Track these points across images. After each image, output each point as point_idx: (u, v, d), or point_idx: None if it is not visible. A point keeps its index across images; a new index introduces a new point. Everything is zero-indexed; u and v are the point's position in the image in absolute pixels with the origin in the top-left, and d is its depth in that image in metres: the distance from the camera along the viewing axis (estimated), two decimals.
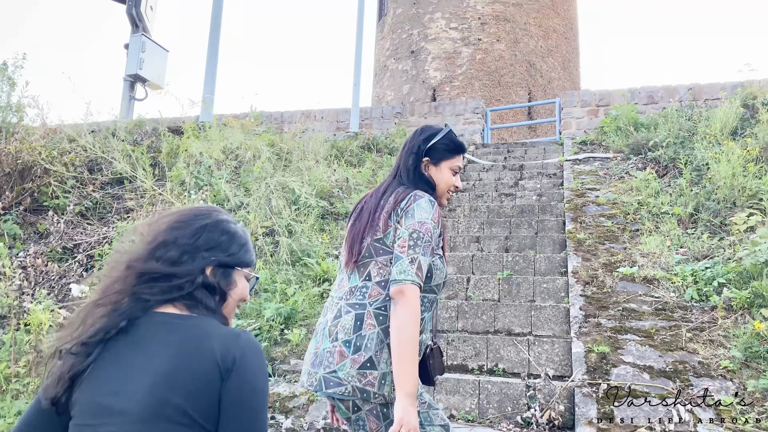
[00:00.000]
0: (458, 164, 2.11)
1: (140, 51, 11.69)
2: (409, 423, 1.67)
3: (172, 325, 1.30)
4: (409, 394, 1.70)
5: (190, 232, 1.41)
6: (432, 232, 1.87)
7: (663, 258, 5.16)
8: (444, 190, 2.09)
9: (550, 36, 21.62)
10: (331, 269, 5.31)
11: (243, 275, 1.44)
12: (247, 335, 1.29)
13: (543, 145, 9.75)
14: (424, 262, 1.82)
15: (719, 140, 6.78)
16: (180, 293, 1.34)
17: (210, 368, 1.23)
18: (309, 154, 7.94)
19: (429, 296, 1.93)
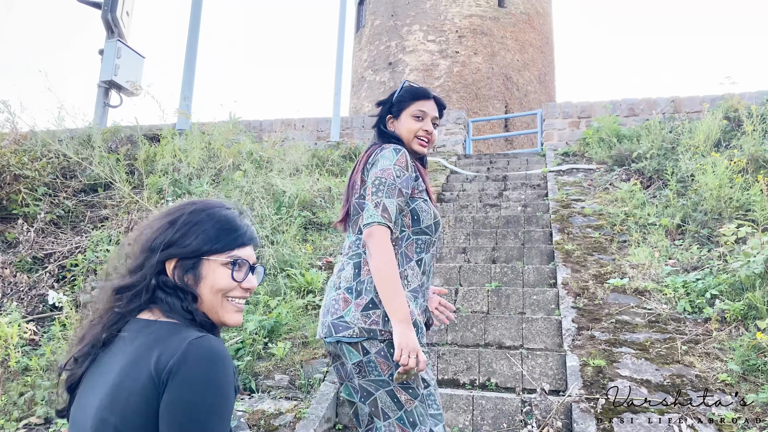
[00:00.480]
0: (420, 108, 2.15)
1: (115, 57, 11.42)
2: (407, 345, 1.81)
3: (136, 333, 1.22)
4: (402, 320, 1.83)
5: (150, 235, 1.32)
6: (396, 175, 1.97)
7: (653, 269, 5.10)
8: (409, 137, 2.14)
9: (526, 50, 21.82)
10: (315, 280, 5.14)
11: (218, 263, 1.29)
12: (202, 340, 1.14)
13: (525, 156, 9.72)
14: (390, 204, 1.94)
15: (703, 152, 6.80)
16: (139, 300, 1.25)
17: (146, 382, 1.10)
18: (289, 162, 7.77)
19: (422, 238, 2.06)
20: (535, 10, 22.94)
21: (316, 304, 4.90)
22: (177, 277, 1.27)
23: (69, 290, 5.19)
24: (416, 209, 2.05)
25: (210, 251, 1.30)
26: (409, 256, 2.05)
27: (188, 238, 1.29)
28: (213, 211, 1.35)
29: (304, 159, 7.83)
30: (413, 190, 2.07)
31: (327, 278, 5.38)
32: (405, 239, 2.05)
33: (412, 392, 1.94)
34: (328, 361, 4.06)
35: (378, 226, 1.92)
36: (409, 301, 1.98)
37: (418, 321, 1.99)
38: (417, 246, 2.06)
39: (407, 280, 2.02)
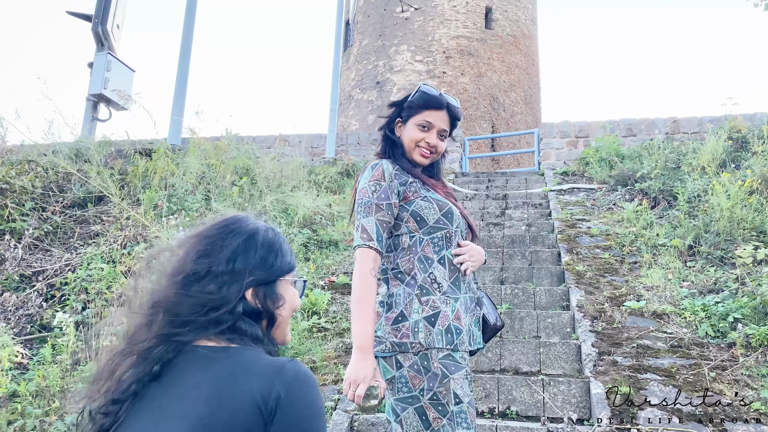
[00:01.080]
0: (426, 119, 2.05)
1: (105, 70, 11.18)
2: (350, 376, 1.75)
3: (205, 362, 1.09)
4: (359, 348, 1.77)
5: (224, 258, 1.18)
6: (372, 190, 1.92)
7: (668, 291, 4.95)
8: (410, 146, 2.06)
9: (512, 71, 21.93)
10: (319, 301, 4.93)
11: (289, 283, 1.26)
12: (294, 365, 1.09)
13: (524, 175, 9.61)
14: (367, 222, 1.90)
15: (708, 172, 6.72)
16: (219, 328, 1.13)
17: (249, 411, 1.03)
18: (287, 179, 7.57)
19: (437, 234, 1.96)
20: (521, 32, 23.11)
21: (322, 326, 4.68)
22: (259, 302, 1.19)
23: (59, 310, 4.91)
24: (416, 210, 1.97)
25: (284, 270, 1.24)
26: (429, 258, 1.96)
27: (269, 257, 1.22)
28: (270, 231, 1.28)
29: (300, 175, 7.64)
30: (406, 193, 1.98)
31: (331, 299, 5.17)
32: (419, 243, 1.97)
33: (441, 409, 1.82)
34: (339, 388, 3.84)
35: (359, 249, 1.89)
36: (444, 306, 1.90)
37: (452, 326, 1.89)
38: (434, 245, 1.97)
39: (437, 283, 1.93)
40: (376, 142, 10.74)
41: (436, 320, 1.88)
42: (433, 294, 1.91)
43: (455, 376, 1.85)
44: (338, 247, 6.30)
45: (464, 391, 1.87)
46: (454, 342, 1.87)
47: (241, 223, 1.24)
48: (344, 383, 1.76)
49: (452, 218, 2.00)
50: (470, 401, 1.89)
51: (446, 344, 1.86)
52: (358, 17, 23.51)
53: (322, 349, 4.26)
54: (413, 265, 1.94)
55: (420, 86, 2.13)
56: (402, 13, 22.22)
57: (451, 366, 1.85)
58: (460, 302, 1.94)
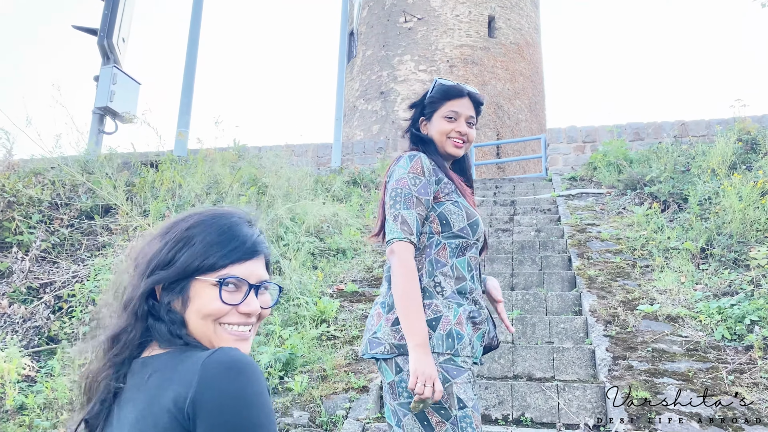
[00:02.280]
0: (452, 109, 2.04)
1: (111, 83, 11.23)
2: (423, 373, 1.66)
3: (139, 377, 1.00)
4: (418, 344, 1.70)
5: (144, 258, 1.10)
6: (412, 183, 1.87)
7: (681, 295, 4.88)
8: (441, 140, 2.03)
9: (516, 79, 21.92)
10: (328, 309, 4.88)
11: (208, 284, 1.06)
12: (218, 355, 0.95)
13: (531, 181, 9.56)
14: (408, 215, 1.84)
15: (719, 174, 6.65)
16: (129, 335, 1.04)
17: (168, 425, 0.91)
18: (294, 189, 7.54)
19: (454, 241, 1.91)
20: (524, 41, 23.11)
21: (331, 334, 4.63)
22: (165, 302, 1.07)
23: (66, 321, 4.88)
24: (444, 213, 1.92)
25: (199, 269, 1.06)
26: (440, 261, 1.91)
27: (176, 256, 1.07)
28: (212, 221, 1.12)
29: (306, 184, 7.61)
30: (438, 193, 1.94)
31: (340, 306, 5.12)
32: (435, 245, 1.92)
33: (444, 414, 1.76)
34: (350, 396, 3.78)
35: (398, 242, 1.82)
36: (446, 310, 1.85)
37: (453, 331, 1.82)
38: (450, 250, 1.91)
39: (441, 287, 1.88)
40: (381, 150, 10.71)
41: (438, 324, 1.83)
42: (435, 297, 1.86)
43: (458, 381, 1.79)
44: (346, 255, 6.26)
45: (468, 396, 1.81)
46: (455, 347, 1.81)
47: (176, 220, 1.13)
48: (414, 381, 1.67)
49: (476, 230, 1.96)
50: (475, 405, 1.83)
51: (446, 349, 1.80)
52: (361, 28, 23.59)
53: (332, 358, 4.21)
54: (421, 266, 1.89)
55: (436, 80, 2.12)
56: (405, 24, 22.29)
57: (453, 370, 1.80)
58: (464, 309, 1.89)
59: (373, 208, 7.73)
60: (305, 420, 3.61)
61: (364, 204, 7.88)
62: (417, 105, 2.13)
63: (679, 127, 9.19)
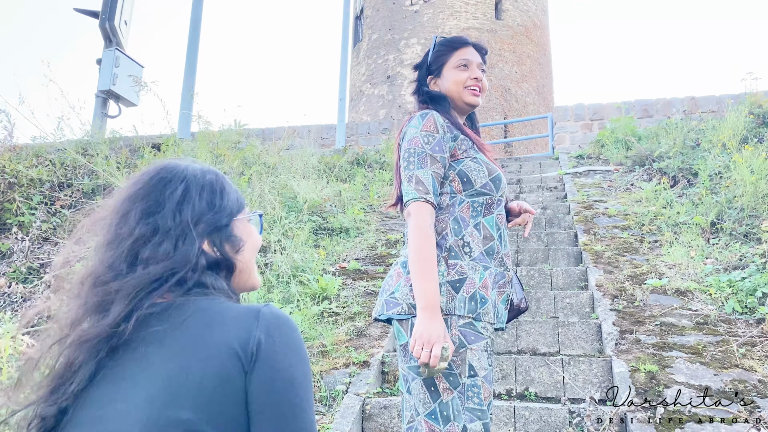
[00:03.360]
0: (462, 57, 1.96)
1: (113, 66, 11.14)
2: (421, 336, 1.60)
3: (170, 318, 0.93)
4: (425, 307, 1.63)
5: (170, 211, 1.02)
6: (425, 141, 1.80)
7: (691, 269, 4.77)
8: (458, 90, 1.95)
9: (524, 62, 21.66)
10: (330, 287, 4.80)
11: (245, 222, 1.12)
12: (271, 308, 0.97)
13: (538, 160, 9.42)
14: (423, 174, 1.77)
15: (730, 148, 6.50)
16: (183, 288, 0.97)
17: (226, 361, 0.90)
18: (296, 168, 7.46)
19: (479, 199, 1.83)
20: (531, 23, 22.81)
21: (333, 311, 4.56)
22: (217, 250, 1.04)
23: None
24: (464, 170, 1.83)
25: (237, 210, 1.10)
26: (465, 220, 1.82)
27: (215, 199, 1.07)
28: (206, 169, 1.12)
29: (311, 164, 7.52)
30: (455, 150, 1.85)
31: (342, 284, 5.05)
32: (458, 203, 1.84)
33: (453, 380, 1.68)
34: (351, 371, 3.71)
35: (414, 203, 1.75)
36: (472, 272, 1.76)
37: (478, 294, 1.74)
38: (473, 209, 1.83)
39: (469, 247, 1.79)
40: (387, 131, 10.59)
41: (462, 286, 1.74)
42: (461, 258, 1.77)
43: (473, 347, 1.70)
44: (349, 234, 6.18)
45: (481, 364, 1.72)
46: (477, 311, 1.73)
47: (176, 170, 1.08)
48: (413, 345, 1.62)
49: (499, 185, 1.87)
50: (487, 376, 1.74)
51: (468, 312, 1.72)
52: (367, 12, 23.36)
53: (332, 334, 4.14)
54: (446, 225, 1.81)
55: (434, 39, 2.04)
56: (411, 6, 22.04)
57: (471, 335, 1.71)
58: (490, 272, 1.80)
59: (377, 187, 7.64)
60: None
61: (368, 183, 7.79)
62: (421, 65, 2.04)
63: (689, 103, 9.00)
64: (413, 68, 2.08)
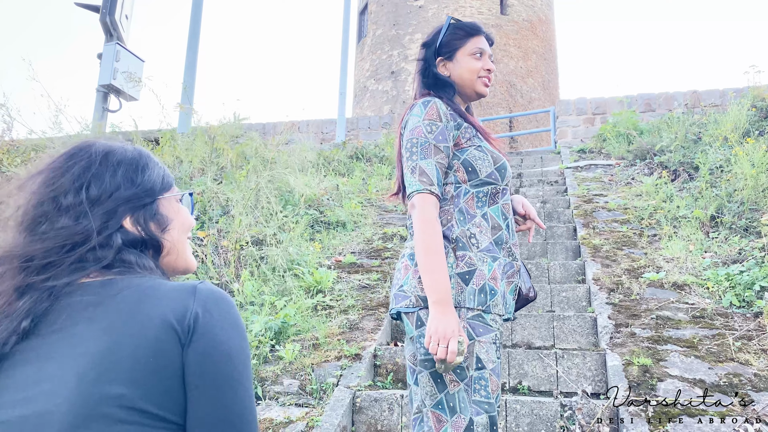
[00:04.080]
0: (478, 46, 1.91)
1: (114, 60, 11.11)
2: (437, 331, 1.56)
3: (98, 294, 0.89)
4: (437, 301, 1.60)
5: (73, 186, 0.97)
6: (428, 131, 1.75)
7: (689, 263, 4.72)
8: (471, 79, 1.89)
9: (529, 57, 21.55)
10: (324, 279, 4.77)
11: (174, 200, 1.07)
12: (206, 284, 0.94)
13: (539, 154, 9.36)
14: (427, 164, 1.72)
15: (732, 142, 6.43)
16: (99, 264, 0.92)
17: (161, 334, 0.86)
18: (294, 162, 7.43)
19: (483, 189, 1.79)
20: (537, 18, 22.68)
21: (327, 304, 4.53)
22: (141, 228, 0.99)
23: None
24: (468, 160, 1.78)
25: (165, 187, 1.05)
26: (470, 212, 1.78)
27: (138, 177, 1.02)
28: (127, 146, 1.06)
29: (309, 158, 7.49)
30: (459, 139, 1.81)
31: (337, 277, 5.02)
32: (463, 194, 1.80)
33: (460, 373, 1.67)
34: (342, 364, 3.69)
35: (418, 195, 1.70)
36: (480, 264, 1.73)
37: (487, 286, 1.71)
38: (478, 199, 1.79)
39: (476, 239, 1.76)
40: (387, 125, 10.55)
41: (471, 278, 1.71)
42: (469, 250, 1.74)
43: (482, 339, 1.68)
44: (346, 228, 6.15)
45: (489, 357, 1.70)
46: (486, 303, 1.70)
47: (91, 147, 1.02)
48: (428, 340, 1.59)
49: (504, 174, 1.84)
50: (495, 369, 1.72)
51: (478, 304, 1.69)
52: (371, 7, 23.30)
53: (325, 327, 4.11)
54: (451, 216, 1.77)
55: (448, 20, 1.97)
56: (416, 2, 21.95)
57: (480, 327, 1.69)
58: (499, 263, 1.77)
59: (375, 181, 7.60)
60: (295, 388, 3.52)
61: (366, 177, 7.75)
62: (430, 44, 1.95)
63: (692, 96, 8.92)
64: (421, 46, 2.00)
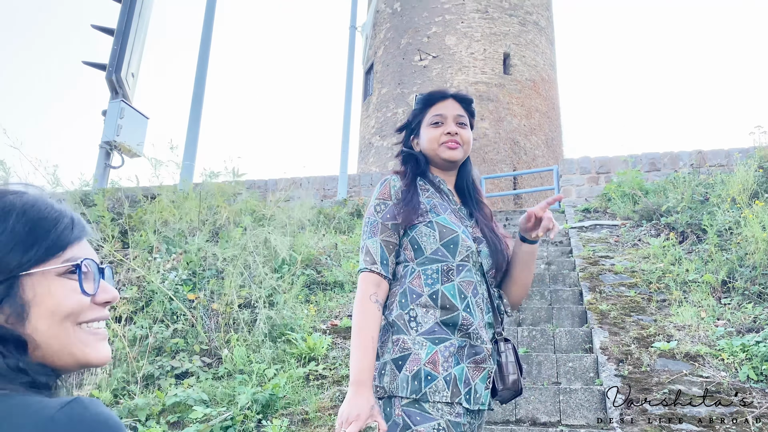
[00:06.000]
0: (437, 113, 1.82)
1: (118, 117, 11.22)
2: (343, 413, 1.51)
3: None
4: (352, 382, 1.55)
5: None
6: (376, 210, 1.73)
7: (701, 331, 4.48)
8: (432, 148, 1.81)
9: (532, 115, 21.76)
10: (318, 346, 4.55)
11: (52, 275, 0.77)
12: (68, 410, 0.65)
13: None
14: (372, 243, 1.70)
15: (740, 203, 6.27)
16: None
17: None
18: (294, 220, 7.30)
19: (432, 267, 1.68)
20: (540, 77, 23.02)
21: (319, 374, 4.29)
22: None
23: None
24: (415, 237, 1.71)
25: (32, 261, 0.76)
26: (416, 291, 1.66)
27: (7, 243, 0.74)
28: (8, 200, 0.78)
29: (309, 216, 7.36)
30: (409, 214, 1.71)
31: (332, 343, 4.79)
32: (409, 274, 1.70)
33: None
34: None
35: (361, 274, 1.69)
36: (418, 347, 1.60)
37: (422, 372, 1.57)
38: (426, 277, 1.67)
39: (416, 321, 1.64)
40: None
41: (404, 363, 1.59)
42: (406, 333, 1.63)
43: (420, 428, 1.52)
44: (344, 289, 5.95)
45: None
46: (421, 390, 1.55)
47: None
48: (337, 422, 1.53)
49: (455, 249, 1.69)
50: None
51: (411, 392, 1.55)
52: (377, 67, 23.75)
53: (317, 399, 3.87)
54: (395, 298, 1.68)
55: (415, 96, 1.95)
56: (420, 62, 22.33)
57: (416, 415, 1.54)
58: (446, 345, 1.61)
59: None
60: None
61: None
62: (405, 126, 1.96)
63: (697, 156, 8.83)
64: (396, 131, 2.00)
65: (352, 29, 12.08)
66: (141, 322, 4.74)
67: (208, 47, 11.34)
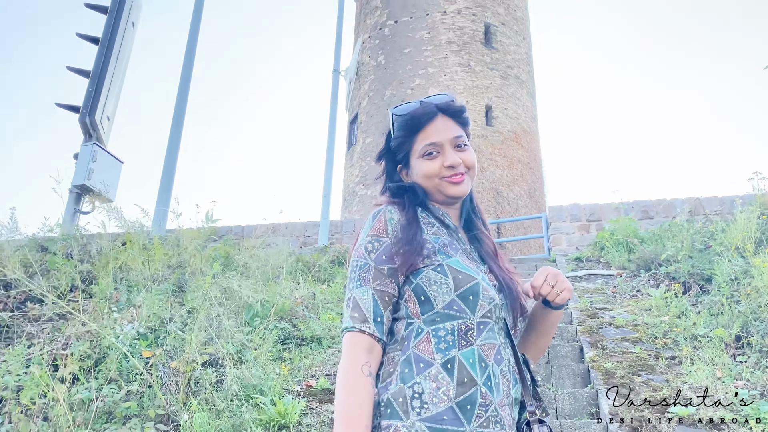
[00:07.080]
0: (428, 142, 1.43)
1: (90, 161, 10.77)
2: None
3: None
4: None
5: None
6: (368, 250, 1.33)
7: (720, 393, 4.01)
8: (433, 184, 1.43)
9: (515, 166, 21.78)
10: (290, 412, 4.00)
11: None
12: None
13: (533, 262, 8.79)
14: (362, 295, 1.30)
15: (746, 252, 5.90)
16: None
17: None
18: (269, 268, 6.80)
19: (445, 326, 1.26)
20: (521, 129, 23.24)
21: None
22: None
23: None
24: (421, 285, 1.29)
25: None
26: (424, 359, 1.25)
27: None
28: None
29: (287, 263, 6.87)
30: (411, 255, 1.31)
31: (306, 408, 4.24)
32: (414, 335, 1.28)
33: None
34: None
35: (347, 333, 1.28)
36: None
37: None
38: (438, 341, 1.26)
39: (420, 401, 1.21)
40: None
41: None
42: (401, 417, 1.20)
43: None
44: (321, 344, 5.41)
45: None
46: None
47: None
48: None
49: (475, 302, 1.27)
50: None
51: None
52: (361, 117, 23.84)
53: None
54: (395, 368, 1.25)
55: (391, 113, 1.51)
56: None
57: None
58: None
59: None
60: None
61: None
62: (384, 154, 1.56)
63: (693, 203, 8.53)
64: (376, 160, 1.57)
65: (335, 73, 11.88)
66: (88, 384, 4.17)
67: (186, 89, 11.03)
